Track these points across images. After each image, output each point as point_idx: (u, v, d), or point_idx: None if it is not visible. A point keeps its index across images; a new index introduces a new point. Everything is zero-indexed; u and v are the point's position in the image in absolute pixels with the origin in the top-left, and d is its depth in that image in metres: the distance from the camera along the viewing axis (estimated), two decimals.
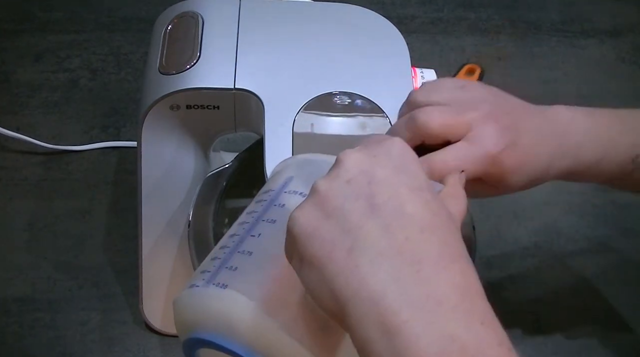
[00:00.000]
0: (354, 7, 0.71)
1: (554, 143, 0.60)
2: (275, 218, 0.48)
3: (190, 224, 0.68)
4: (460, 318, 0.37)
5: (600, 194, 0.93)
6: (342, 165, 0.41)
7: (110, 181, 0.91)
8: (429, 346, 0.35)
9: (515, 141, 0.57)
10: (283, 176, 0.52)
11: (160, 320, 0.78)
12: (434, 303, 0.37)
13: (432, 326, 0.36)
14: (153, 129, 0.65)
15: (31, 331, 0.78)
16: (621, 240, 0.90)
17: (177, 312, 0.48)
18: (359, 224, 0.39)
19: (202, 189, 0.69)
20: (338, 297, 0.38)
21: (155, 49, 0.66)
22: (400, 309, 0.36)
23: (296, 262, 0.41)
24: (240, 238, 0.48)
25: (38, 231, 0.86)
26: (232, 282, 0.45)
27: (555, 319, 0.82)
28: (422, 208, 0.39)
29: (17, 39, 1.04)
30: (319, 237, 0.39)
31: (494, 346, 0.37)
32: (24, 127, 0.94)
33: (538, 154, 0.59)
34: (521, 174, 0.58)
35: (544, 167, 0.60)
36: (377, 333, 0.36)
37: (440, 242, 0.39)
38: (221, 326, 0.44)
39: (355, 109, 0.61)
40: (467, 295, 0.38)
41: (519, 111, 0.59)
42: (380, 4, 1.13)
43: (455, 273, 0.38)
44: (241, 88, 0.62)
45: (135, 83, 1.00)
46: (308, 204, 0.41)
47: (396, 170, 0.41)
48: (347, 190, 0.40)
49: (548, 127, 0.60)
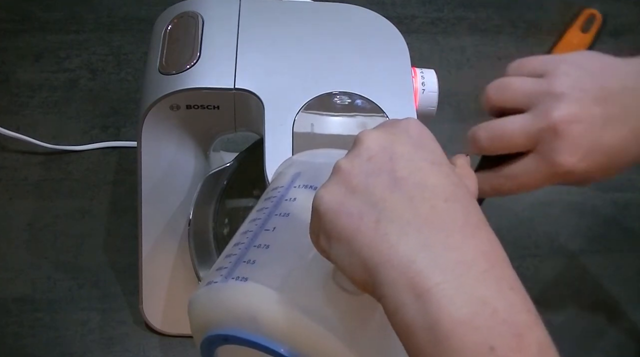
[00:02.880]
0: (354, 7, 0.71)
1: None
2: (289, 212, 0.48)
3: (190, 223, 0.68)
4: (491, 283, 0.37)
5: (600, 194, 0.93)
6: (362, 144, 0.42)
7: (110, 180, 0.91)
8: (460, 307, 0.36)
9: (597, 142, 0.53)
10: (289, 173, 0.52)
11: (160, 320, 0.78)
12: (464, 267, 0.37)
13: (463, 289, 0.37)
14: (153, 129, 0.65)
15: (31, 331, 0.78)
16: (621, 240, 0.90)
17: (195, 311, 0.47)
18: (383, 197, 0.39)
19: (202, 189, 0.69)
20: (369, 267, 0.38)
21: (155, 49, 0.66)
22: (431, 273, 0.37)
23: (324, 240, 0.41)
24: (254, 234, 0.48)
25: (38, 231, 0.86)
26: (252, 275, 0.45)
27: (555, 319, 0.82)
28: (444, 180, 0.40)
29: (17, 39, 1.04)
30: (345, 212, 0.40)
31: (523, 312, 0.37)
32: (24, 127, 0.94)
33: (626, 148, 0.54)
34: (603, 174, 0.55)
35: (635, 157, 0.54)
36: (409, 297, 0.37)
37: (464, 211, 0.40)
38: (244, 319, 0.44)
39: (355, 109, 0.61)
40: (495, 261, 0.38)
41: (616, 92, 0.53)
42: (380, 4, 1.13)
43: (482, 239, 0.39)
44: (241, 88, 0.62)
45: (135, 83, 1.00)
46: (332, 182, 0.41)
47: (415, 146, 0.41)
48: (370, 166, 0.41)
49: None
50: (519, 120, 0.55)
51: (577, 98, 0.54)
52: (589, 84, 0.54)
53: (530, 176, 0.56)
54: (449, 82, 0.98)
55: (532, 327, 0.37)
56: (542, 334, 0.37)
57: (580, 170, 0.54)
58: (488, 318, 0.36)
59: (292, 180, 0.51)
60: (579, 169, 0.53)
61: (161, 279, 0.74)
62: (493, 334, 0.36)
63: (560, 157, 0.53)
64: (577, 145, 0.53)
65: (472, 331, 0.36)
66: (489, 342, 0.35)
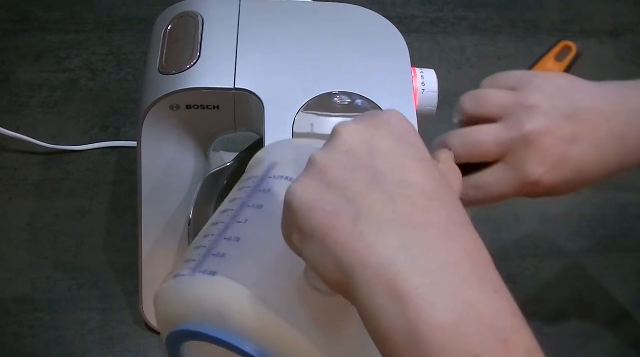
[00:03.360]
0: (354, 7, 0.71)
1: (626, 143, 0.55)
2: (262, 203, 0.46)
3: (190, 223, 0.68)
4: (475, 285, 0.35)
5: (600, 194, 0.93)
6: (339, 137, 0.40)
7: (110, 180, 0.91)
8: (443, 312, 0.34)
9: (565, 156, 0.54)
10: (265, 163, 0.50)
11: None
12: (446, 270, 0.35)
13: (447, 292, 0.35)
14: (153, 129, 0.65)
15: (31, 331, 0.78)
16: (621, 240, 0.90)
17: (161, 305, 0.45)
18: (361, 194, 0.37)
19: (202, 189, 0.69)
20: (344, 267, 0.36)
21: (155, 49, 0.66)
22: (411, 275, 0.35)
23: (297, 237, 0.39)
24: (225, 225, 0.46)
25: (38, 231, 0.86)
26: (221, 269, 0.43)
27: (555, 319, 0.82)
28: (427, 177, 0.38)
29: (17, 39, 1.04)
30: (320, 208, 0.37)
31: (509, 316, 0.35)
32: (24, 127, 0.94)
33: (591, 165, 0.55)
34: (568, 188, 0.56)
35: (608, 170, 0.56)
36: (387, 301, 0.35)
37: (447, 210, 0.38)
38: (211, 315, 0.42)
39: (355, 109, 0.61)
40: (479, 263, 0.37)
41: (585, 111, 0.55)
42: (380, 4, 1.13)
43: (466, 240, 0.37)
44: (241, 88, 0.62)
45: (135, 83, 1.00)
46: (306, 176, 0.39)
47: (397, 141, 0.39)
48: (347, 160, 0.39)
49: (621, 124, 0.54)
50: (492, 130, 0.56)
51: (548, 112, 0.55)
52: (560, 101, 0.55)
53: (498, 186, 0.56)
54: (449, 82, 0.97)
55: (519, 332, 0.35)
56: (528, 339, 0.36)
57: (547, 182, 0.54)
58: (473, 323, 0.34)
59: (268, 169, 0.49)
60: (546, 180, 0.54)
61: (161, 279, 0.74)
62: (478, 340, 0.34)
63: (529, 167, 0.54)
64: (546, 157, 0.54)
65: (456, 337, 0.34)
66: (473, 350, 0.33)
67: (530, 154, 0.54)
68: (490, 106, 0.57)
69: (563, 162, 0.54)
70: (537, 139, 0.54)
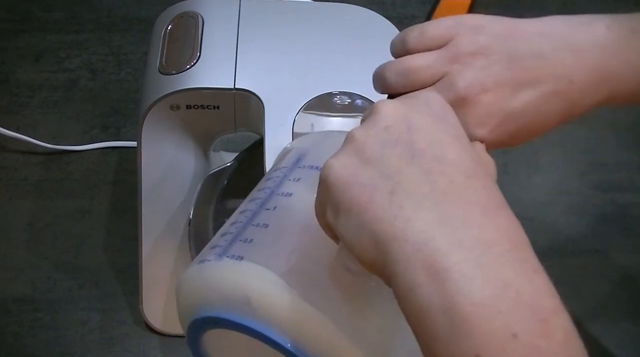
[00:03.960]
0: (354, 7, 0.71)
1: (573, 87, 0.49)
2: (291, 191, 0.45)
3: (190, 223, 0.68)
4: (514, 264, 0.35)
5: (600, 194, 0.93)
6: (379, 113, 0.39)
7: (110, 180, 0.91)
8: (481, 289, 0.33)
9: (507, 110, 0.48)
10: (294, 154, 0.49)
11: (160, 320, 0.78)
12: (485, 247, 0.34)
13: (485, 269, 0.34)
14: (153, 129, 0.65)
15: (31, 331, 0.78)
16: (621, 240, 0.90)
17: (184, 291, 0.44)
18: (399, 169, 0.37)
19: (202, 189, 0.69)
20: (381, 242, 0.35)
21: (155, 49, 0.66)
22: (450, 251, 0.34)
23: (331, 213, 0.38)
24: (252, 213, 0.45)
25: (38, 231, 0.86)
26: (248, 254, 0.42)
27: None
28: (465, 155, 0.38)
29: (17, 39, 1.04)
30: (357, 183, 0.37)
31: (548, 296, 0.35)
32: (24, 127, 0.94)
33: (536, 113, 0.49)
34: (514, 140, 0.50)
35: (556, 118, 0.50)
36: (425, 277, 0.34)
37: (485, 189, 0.37)
38: (237, 301, 0.40)
39: (355, 109, 0.61)
40: (517, 242, 0.36)
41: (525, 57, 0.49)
42: (380, 4, 1.13)
43: (504, 219, 0.36)
44: (241, 88, 0.62)
45: (135, 83, 1.00)
46: (343, 152, 0.38)
47: (435, 118, 0.39)
48: (386, 136, 0.38)
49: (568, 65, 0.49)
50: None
51: (483, 66, 0.49)
52: (495, 51, 0.50)
53: None
54: None
55: (558, 313, 0.35)
56: (567, 321, 0.35)
57: (491, 140, 0.49)
58: (511, 302, 0.33)
59: (297, 160, 0.48)
60: (489, 139, 0.49)
61: (161, 279, 0.74)
62: (516, 318, 0.33)
63: (469, 128, 0.48)
64: (486, 116, 0.49)
65: (494, 314, 0.33)
66: (512, 328, 0.33)
67: (469, 115, 0.48)
68: (421, 77, 0.49)
69: (505, 118, 0.49)
70: (473, 99, 0.48)
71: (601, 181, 0.95)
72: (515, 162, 0.96)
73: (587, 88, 0.49)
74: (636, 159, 0.98)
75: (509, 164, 0.96)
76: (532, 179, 0.95)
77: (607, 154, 0.98)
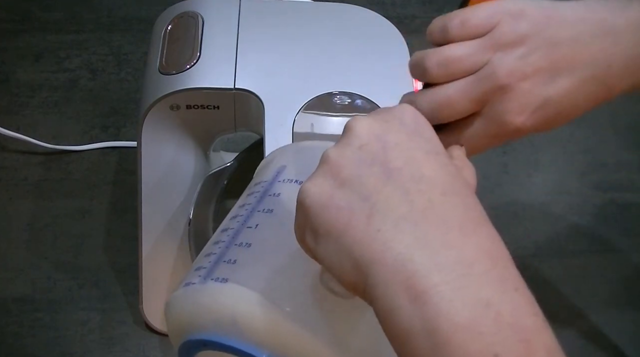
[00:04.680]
0: (354, 7, 0.71)
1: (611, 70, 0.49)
2: (272, 208, 0.45)
3: (190, 223, 0.68)
4: (494, 283, 0.34)
5: (600, 194, 0.93)
6: (352, 132, 0.39)
7: (110, 180, 0.91)
8: (461, 311, 0.33)
9: (545, 97, 0.49)
10: (274, 166, 0.49)
11: (160, 320, 0.78)
12: (465, 267, 0.34)
13: (465, 290, 0.34)
14: (153, 129, 0.65)
15: (31, 331, 0.78)
16: (621, 240, 0.90)
17: (172, 314, 0.45)
18: (376, 189, 0.36)
19: (202, 189, 0.69)
20: (360, 265, 0.35)
21: (155, 49, 0.66)
22: (429, 272, 0.34)
23: (310, 236, 0.38)
24: (235, 231, 0.45)
25: (38, 231, 0.86)
26: (232, 276, 0.42)
27: (555, 319, 0.82)
28: (441, 171, 0.37)
29: (17, 39, 1.04)
30: (334, 206, 0.36)
31: (530, 315, 0.35)
32: (24, 127, 0.94)
33: (573, 99, 0.49)
34: (549, 126, 0.51)
35: (594, 101, 0.50)
36: (405, 299, 0.34)
37: (463, 205, 0.37)
38: (224, 323, 0.41)
39: (355, 109, 0.61)
40: (497, 260, 0.36)
41: (563, 43, 0.49)
42: (380, 4, 1.13)
43: (484, 236, 0.36)
44: (241, 88, 0.62)
45: (135, 83, 1.00)
46: (319, 174, 0.38)
47: (410, 135, 0.38)
48: (361, 156, 0.37)
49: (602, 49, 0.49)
50: (463, 85, 0.50)
51: (523, 54, 0.49)
52: (534, 37, 0.50)
53: (478, 139, 0.51)
54: None
55: (540, 332, 0.34)
56: (550, 339, 0.35)
57: (528, 126, 0.50)
58: (492, 322, 0.33)
59: (277, 173, 0.48)
60: (527, 125, 0.50)
61: (161, 279, 0.74)
62: (498, 339, 0.33)
63: (508, 116, 0.49)
64: (525, 103, 0.49)
65: (475, 336, 0.33)
66: (493, 349, 0.33)
67: (508, 103, 0.49)
68: (462, 67, 0.50)
69: (543, 105, 0.49)
70: (513, 87, 0.49)
71: (601, 181, 0.95)
72: (515, 162, 0.96)
73: (625, 72, 0.49)
74: (636, 159, 0.98)
75: (509, 164, 0.96)
76: (532, 179, 0.95)
77: (607, 154, 0.98)
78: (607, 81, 0.49)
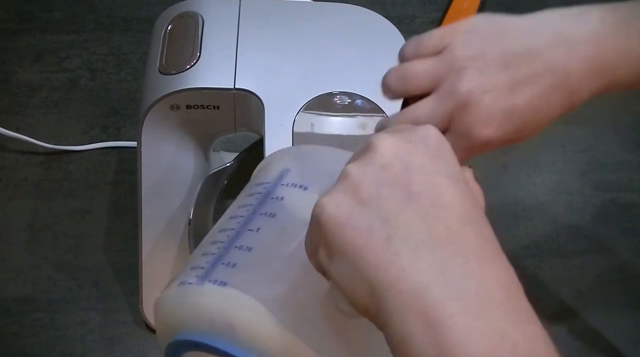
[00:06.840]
0: (354, 7, 0.71)
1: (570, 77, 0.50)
2: (275, 212, 0.44)
3: (191, 223, 0.68)
4: (509, 315, 0.34)
5: (600, 194, 0.93)
6: (376, 150, 0.38)
7: (110, 180, 0.91)
8: (478, 342, 0.33)
9: (509, 108, 0.50)
10: (277, 168, 0.48)
11: None
12: (481, 298, 0.34)
13: (481, 321, 0.33)
14: (153, 129, 0.65)
15: (31, 331, 0.78)
16: (621, 240, 0.90)
17: (164, 311, 0.44)
18: (395, 212, 0.36)
19: (202, 189, 0.69)
20: (374, 290, 0.35)
21: (155, 49, 0.66)
22: (446, 302, 0.34)
23: (323, 254, 0.37)
24: (235, 232, 0.44)
25: (38, 231, 0.86)
26: (232, 280, 0.41)
27: (555, 319, 0.82)
28: (461, 199, 0.37)
29: (17, 39, 1.04)
30: (352, 225, 0.36)
31: (542, 347, 0.35)
32: (24, 127, 0.94)
33: (537, 109, 0.50)
34: (520, 136, 0.51)
35: (559, 109, 0.51)
36: (420, 328, 0.33)
37: (481, 236, 0.37)
38: (220, 327, 0.40)
39: (355, 109, 0.61)
40: (512, 292, 0.36)
41: (519, 55, 0.50)
42: (380, 4, 1.13)
43: (500, 269, 0.36)
44: (241, 88, 0.62)
45: (135, 83, 1.00)
46: (338, 190, 0.37)
47: (433, 158, 0.38)
48: (382, 176, 0.37)
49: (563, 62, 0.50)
50: (428, 106, 0.51)
51: (480, 68, 0.50)
52: (489, 52, 0.51)
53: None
54: None
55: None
56: None
57: (496, 139, 0.50)
58: (509, 354, 0.33)
59: (281, 176, 0.47)
60: (494, 138, 0.50)
61: (161, 279, 0.74)
62: None
63: (475, 130, 0.50)
64: (488, 116, 0.50)
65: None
66: None
67: (473, 117, 0.49)
68: (419, 82, 0.51)
69: (508, 116, 0.50)
70: (475, 101, 0.49)
71: (601, 181, 0.95)
72: (515, 162, 0.96)
73: (585, 78, 0.50)
74: (636, 159, 0.98)
75: (509, 164, 0.96)
76: (532, 179, 0.95)
77: (607, 154, 0.98)
78: (568, 88, 0.50)
